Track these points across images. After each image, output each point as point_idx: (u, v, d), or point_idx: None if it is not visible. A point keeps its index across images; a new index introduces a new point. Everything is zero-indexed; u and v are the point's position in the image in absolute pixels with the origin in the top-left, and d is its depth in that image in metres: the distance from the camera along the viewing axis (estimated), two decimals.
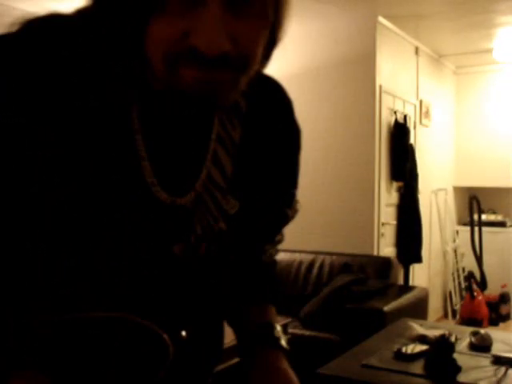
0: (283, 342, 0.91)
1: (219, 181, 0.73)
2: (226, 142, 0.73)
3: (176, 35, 0.57)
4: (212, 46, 0.56)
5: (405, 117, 4.70)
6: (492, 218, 5.79)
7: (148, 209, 0.68)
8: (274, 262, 0.97)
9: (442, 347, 2.01)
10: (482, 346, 2.20)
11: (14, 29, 0.68)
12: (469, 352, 2.17)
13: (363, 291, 3.57)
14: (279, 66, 5.25)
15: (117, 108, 0.65)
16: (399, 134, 4.56)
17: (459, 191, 6.07)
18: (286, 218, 0.90)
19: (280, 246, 1.00)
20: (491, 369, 1.96)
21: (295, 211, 0.91)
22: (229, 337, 1.07)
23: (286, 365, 0.93)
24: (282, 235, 0.96)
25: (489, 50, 5.16)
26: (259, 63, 0.72)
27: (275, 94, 0.86)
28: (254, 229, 0.83)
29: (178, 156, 0.70)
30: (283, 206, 0.88)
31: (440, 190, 5.61)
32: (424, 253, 4.77)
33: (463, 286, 5.64)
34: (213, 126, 0.72)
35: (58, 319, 0.68)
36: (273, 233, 0.93)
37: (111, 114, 0.64)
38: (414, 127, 4.98)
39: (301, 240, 4.28)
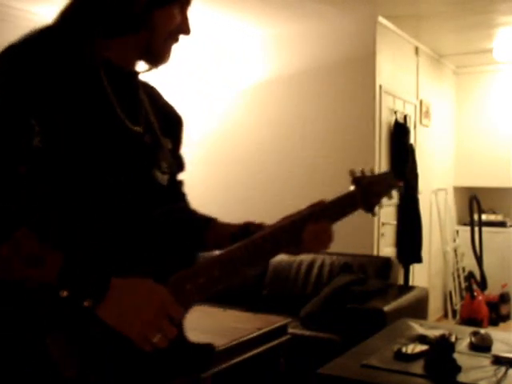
0: None
1: (153, 120, 1.13)
2: (145, 98, 1.14)
3: (177, 24, 1.09)
4: (189, 32, 1.12)
5: (405, 117, 4.70)
6: (492, 217, 5.79)
7: (124, 137, 1.05)
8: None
9: (441, 347, 2.01)
10: (482, 346, 2.20)
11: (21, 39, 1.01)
12: (469, 352, 2.17)
13: (363, 291, 3.56)
14: (279, 66, 5.31)
15: (92, 74, 1.02)
16: (399, 134, 4.56)
17: (459, 191, 6.07)
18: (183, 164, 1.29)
19: None
20: (491, 369, 1.96)
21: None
22: (227, 338, 1.11)
23: None
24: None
25: (489, 50, 5.16)
26: None
27: (150, 86, 1.23)
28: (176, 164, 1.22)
29: (127, 101, 1.07)
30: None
31: (440, 189, 5.61)
32: (424, 253, 4.77)
33: (463, 285, 5.64)
34: (138, 88, 1.13)
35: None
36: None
37: (90, 78, 1.01)
38: (414, 127, 4.98)
39: None
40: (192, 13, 1.12)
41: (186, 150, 1.30)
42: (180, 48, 1.15)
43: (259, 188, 4.71)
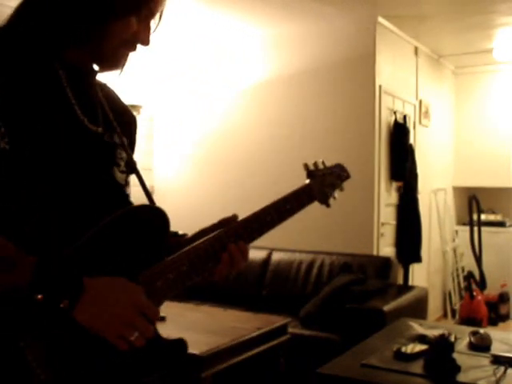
0: None
1: (112, 119, 1.14)
2: (103, 98, 1.15)
3: (133, 33, 1.07)
4: (147, 43, 1.09)
5: (404, 117, 4.70)
6: (491, 217, 5.80)
7: (84, 136, 1.07)
8: None
9: (441, 347, 2.01)
10: (481, 345, 2.21)
11: None
12: (468, 352, 2.18)
13: (363, 291, 3.57)
14: (279, 66, 5.31)
15: (51, 75, 1.04)
16: (399, 134, 4.57)
17: (459, 191, 6.08)
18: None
19: (280, 246, 1.12)
20: (490, 368, 1.96)
21: None
22: (227, 338, 1.12)
23: None
24: None
25: (489, 50, 5.17)
26: None
27: (106, 86, 1.24)
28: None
29: (86, 100, 1.09)
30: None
31: (439, 189, 5.61)
32: (423, 253, 4.77)
33: (462, 285, 5.64)
34: (96, 88, 1.14)
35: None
36: None
37: (49, 79, 1.03)
38: (414, 127, 4.99)
39: (301, 240, 4.29)
40: (192, 13, 1.12)
41: (186, 151, 1.31)
42: (180, 48, 1.15)
43: (259, 188, 4.71)
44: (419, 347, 2.15)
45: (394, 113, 4.59)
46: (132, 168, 1.17)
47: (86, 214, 1.02)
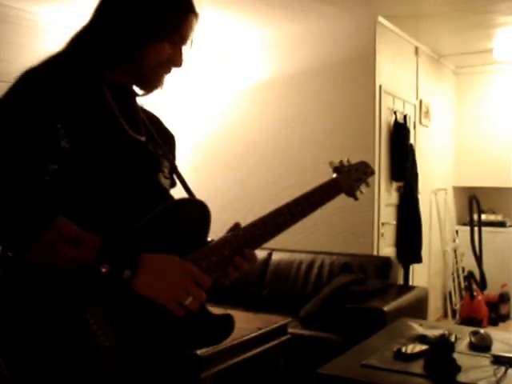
0: None
1: (152, 130, 1.29)
2: (145, 117, 1.30)
3: (168, 57, 1.24)
4: (180, 66, 1.28)
5: (405, 117, 4.70)
6: (492, 217, 5.79)
7: (129, 144, 1.20)
8: None
9: (441, 347, 2.01)
10: (481, 345, 2.20)
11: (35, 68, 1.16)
12: (468, 352, 2.17)
13: (363, 291, 3.57)
14: (279, 66, 5.30)
15: (97, 92, 1.18)
16: (399, 134, 4.56)
17: (459, 191, 6.08)
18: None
19: (280, 246, 1.24)
20: (491, 368, 1.96)
21: None
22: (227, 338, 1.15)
23: None
24: None
25: (489, 50, 5.17)
26: None
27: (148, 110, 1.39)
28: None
29: (129, 116, 1.23)
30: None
31: (440, 189, 5.61)
32: (424, 253, 4.77)
33: (463, 285, 5.64)
34: (137, 107, 1.29)
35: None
36: None
37: (96, 95, 1.18)
38: (414, 127, 4.98)
39: (301, 240, 4.29)
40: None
41: (186, 151, 1.38)
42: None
43: (259, 188, 4.71)
44: (419, 347, 2.14)
45: (394, 113, 4.59)
46: (177, 174, 1.33)
47: (133, 213, 1.15)
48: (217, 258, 1.18)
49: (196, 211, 1.21)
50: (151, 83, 1.24)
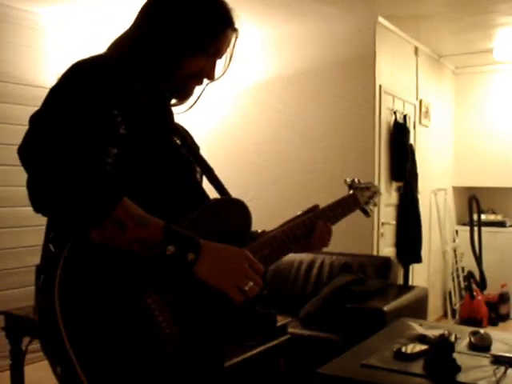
0: None
1: (185, 136, 1.37)
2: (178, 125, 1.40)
3: (200, 68, 1.25)
4: (213, 78, 1.31)
5: (404, 117, 4.70)
6: (491, 217, 5.79)
7: (171, 145, 1.28)
8: None
9: (441, 347, 2.01)
10: (481, 345, 2.21)
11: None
12: (468, 352, 2.17)
13: (363, 291, 3.57)
14: (279, 66, 5.29)
15: (157, 101, 1.25)
16: (399, 134, 4.57)
17: (459, 191, 6.08)
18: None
19: None
20: (490, 368, 1.96)
21: None
22: None
23: None
24: None
25: (489, 50, 5.17)
26: None
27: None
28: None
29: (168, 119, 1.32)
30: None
31: (440, 189, 5.61)
32: (424, 253, 4.77)
33: (463, 285, 5.64)
34: (172, 112, 1.35)
35: None
36: None
37: (156, 103, 1.24)
38: (414, 127, 4.98)
39: None
40: None
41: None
42: None
43: (259, 188, 4.71)
44: (419, 347, 2.14)
45: (394, 113, 4.59)
46: (214, 179, 1.39)
47: (174, 204, 1.19)
48: (269, 251, 1.24)
49: (238, 209, 1.26)
50: (182, 94, 1.28)
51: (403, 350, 2.13)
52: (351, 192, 1.56)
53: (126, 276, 1.04)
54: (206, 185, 1.40)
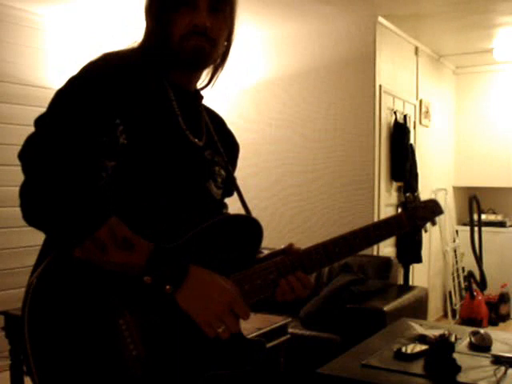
0: None
1: (213, 134, 1.28)
2: (208, 120, 1.30)
3: (187, 23, 1.14)
4: (202, 23, 1.15)
5: (405, 117, 4.70)
6: (492, 217, 5.79)
7: (185, 146, 1.18)
8: None
9: (441, 347, 2.01)
10: (481, 345, 2.20)
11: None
12: (468, 352, 2.17)
13: (363, 291, 3.57)
14: (280, 66, 5.29)
15: (161, 87, 1.17)
16: (399, 134, 4.56)
17: (459, 191, 6.08)
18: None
19: (280, 246, 1.26)
20: (491, 369, 1.96)
21: None
22: None
23: None
24: None
25: (489, 50, 5.17)
26: (221, 49, 1.24)
27: (215, 112, 1.41)
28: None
29: (190, 118, 1.21)
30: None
31: (440, 189, 5.61)
32: (424, 253, 4.77)
33: (463, 285, 5.64)
34: (201, 108, 1.30)
35: None
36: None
37: (159, 93, 1.17)
38: (414, 127, 4.98)
39: (301, 240, 4.29)
40: None
41: None
42: None
43: (259, 188, 4.71)
44: (419, 347, 2.14)
45: (394, 113, 4.59)
46: (231, 185, 1.34)
47: (177, 217, 1.14)
48: (261, 281, 1.15)
49: (249, 229, 1.19)
50: (181, 54, 1.17)
51: (403, 350, 2.13)
52: (399, 211, 1.40)
53: (101, 293, 1.02)
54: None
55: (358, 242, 1.24)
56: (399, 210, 1.41)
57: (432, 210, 1.42)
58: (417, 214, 1.38)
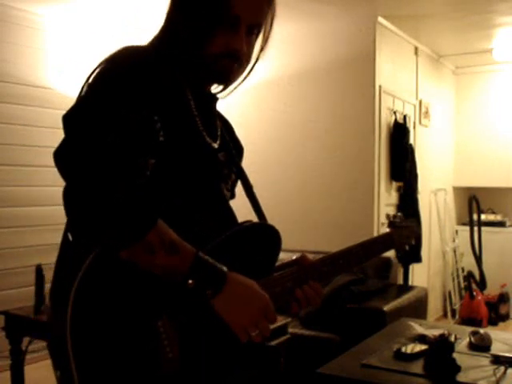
0: None
1: (227, 138, 1.29)
2: (219, 120, 1.30)
3: (224, 43, 1.15)
4: (241, 49, 1.17)
5: (404, 117, 4.70)
6: (491, 217, 5.80)
7: (201, 148, 1.18)
8: None
9: (441, 347, 2.01)
10: (481, 345, 2.21)
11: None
12: (468, 352, 2.18)
13: (363, 291, 3.57)
14: (280, 66, 5.29)
15: (180, 90, 1.16)
16: (399, 134, 4.57)
17: (459, 191, 6.08)
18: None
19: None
20: (490, 368, 1.96)
21: None
22: None
23: None
24: None
25: (489, 50, 5.17)
26: (247, 67, 1.26)
27: (224, 116, 1.40)
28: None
29: (206, 119, 1.21)
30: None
31: (439, 190, 5.61)
32: (423, 253, 4.77)
33: (463, 285, 5.64)
34: (216, 114, 1.30)
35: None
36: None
37: (179, 95, 1.16)
38: (414, 127, 4.98)
39: (301, 240, 4.29)
40: None
41: None
42: None
43: (259, 188, 4.69)
44: (419, 347, 2.15)
45: (394, 113, 4.59)
46: (249, 192, 1.38)
47: (192, 219, 1.14)
48: (280, 289, 1.18)
49: (269, 238, 1.22)
50: (219, 75, 1.19)
51: (403, 349, 2.13)
52: (388, 231, 1.51)
53: (142, 295, 1.02)
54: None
55: (362, 253, 1.38)
56: (387, 230, 1.51)
57: (413, 229, 1.56)
58: (403, 233, 1.52)
